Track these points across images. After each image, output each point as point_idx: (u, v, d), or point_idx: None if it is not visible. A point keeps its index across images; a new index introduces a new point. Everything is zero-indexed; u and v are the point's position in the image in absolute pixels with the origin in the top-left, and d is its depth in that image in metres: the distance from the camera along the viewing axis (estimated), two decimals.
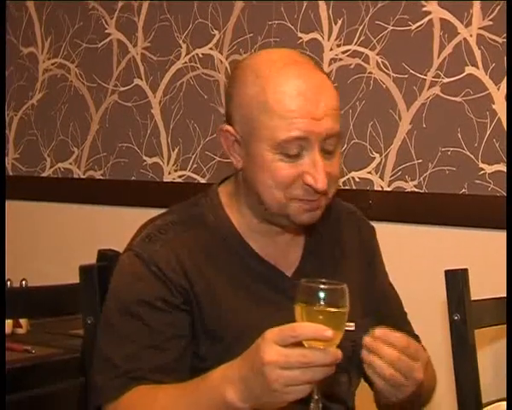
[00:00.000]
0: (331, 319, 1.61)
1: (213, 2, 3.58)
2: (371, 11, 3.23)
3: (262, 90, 1.82)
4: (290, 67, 1.85)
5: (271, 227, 1.94)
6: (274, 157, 1.81)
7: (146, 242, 1.87)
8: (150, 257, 1.84)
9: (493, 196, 3.01)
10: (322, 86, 1.84)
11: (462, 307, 2.44)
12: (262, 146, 1.82)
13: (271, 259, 1.95)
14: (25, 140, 4.10)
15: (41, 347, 2.73)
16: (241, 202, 1.95)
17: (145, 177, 3.74)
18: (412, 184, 3.15)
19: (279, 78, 1.82)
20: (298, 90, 1.80)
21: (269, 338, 1.54)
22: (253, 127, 1.83)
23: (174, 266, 1.83)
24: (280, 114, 1.80)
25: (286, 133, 1.79)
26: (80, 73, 3.94)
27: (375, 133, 3.20)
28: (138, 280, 1.83)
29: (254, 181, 1.86)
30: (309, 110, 1.80)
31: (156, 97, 3.72)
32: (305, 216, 1.88)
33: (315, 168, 1.80)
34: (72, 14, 3.96)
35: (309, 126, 1.79)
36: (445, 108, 3.10)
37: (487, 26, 3.03)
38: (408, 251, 3.12)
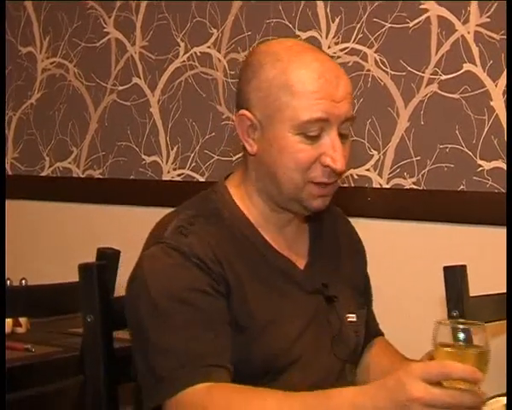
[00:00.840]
0: (478, 359, 1.58)
1: (211, 1, 3.59)
2: (369, 9, 3.24)
3: (283, 72, 1.84)
4: (307, 52, 1.89)
5: (280, 217, 1.96)
6: (295, 138, 1.83)
7: (179, 234, 1.84)
8: (189, 249, 1.81)
9: (491, 193, 3.01)
10: (339, 71, 1.89)
11: (461, 303, 2.44)
12: (283, 127, 1.84)
13: (283, 251, 1.97)
14: (24, 139, 4.11)
15: (41, 345, 2.74)
16: (251, 193, 1.96)
17: (144, 176, 3.74)
18: (411, 181, 3.15)
19: (299, 61, 1.85)
20: (319, 73, 1.83)
21: (416, 374, 1.50)
22: (273, 109, 1.85)
23: (211, 256, 1.82)
24: (303, 95, 1.82)
25: (309, 114, 1.81)
26: (79, 73, 3.94)
27: (374, 131, 3.20)
28: (183, 270, 1.80)
29: (272, 164, 1.87)
30: (330, 92, 1.83)
31: (155, 96, 3.72)
32: (317, 201, 1.90)
33: (333, 149, 1.83)
34: (71, 14, 3.97)
35: (330, 108, 1.82)
36: (443, 105, 3.10)
37: (485, 23, 3.03)
38: (407, 248, 3.12)
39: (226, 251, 1.86)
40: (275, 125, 1.85)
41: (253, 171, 1.94)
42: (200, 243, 1.83)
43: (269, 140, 1.87)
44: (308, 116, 1.81)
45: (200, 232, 1.85)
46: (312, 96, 1.82)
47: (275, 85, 1.84)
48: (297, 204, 1.91)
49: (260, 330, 1.85)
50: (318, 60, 1.87)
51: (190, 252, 1.81)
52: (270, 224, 1.96)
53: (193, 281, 1.80)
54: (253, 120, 1.88)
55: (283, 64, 1.85)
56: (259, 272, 1.91)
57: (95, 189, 3.87)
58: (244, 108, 1.90)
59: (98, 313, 2.00)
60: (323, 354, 1.96)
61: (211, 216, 1.91)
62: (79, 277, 2.03)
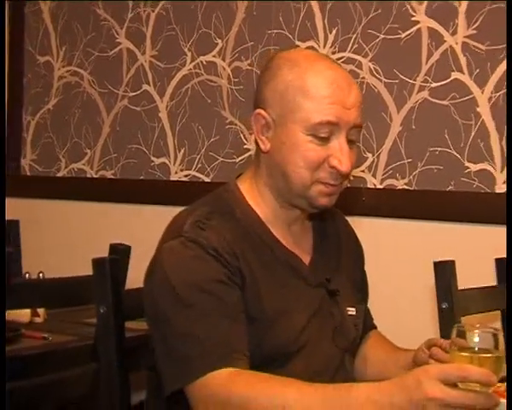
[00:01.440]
0: (493, 364, 1.56)
1: (216, 12, 3.58)
2: (364, 21, 3.23)
3: (299, 76, 1.85)
4: (322, 60, 1.91)
5: (288, 214, 1.95)
6: (306, 138, 1.83)
7: (197, 228, 1.82)
8: (207, 242, 1.80)
9: (478, 193, 3.01)
10: (350, 81, 1.88)
11: (450, 296, 2.44)
12: (296, 127, 1.84)
13: (291, 247, 1.96)
14: (41, 143, 4.10)
15: (57, 334, 2.73)
16: (262, 190, 1.95)
17: (153, 176, 3.73)
18: (403, 182, 3.15)
19: (315, 67, 1.86)
20: (332, 79, 1.84)
21: (433, 374, 1.46)
22: (288, 109, 1.85)
23: (227, 249, 1.81)
24: (316, 99, 1.82)
25: (320, 116, 1.81)
26: (92, 80, 3.93)
27: (368, 134, 3.19)
28: (202, 261, 1.79)
29: (283, 161, 1.87)
30: (341, 98, 1.83)
31: (163, 102, 3.71)
32: (324, 200, 1.89)
33: (341, 152, 1.83)
34: (85, 25, 3.96)
35: (340, 113, 1.82)
36: (433, 110, 3.10)
37: (471, 34, 3.03)
38: (399, 245, 3.11)
39: (240, 246, 1.85)
40: (288, 125, 1.85)
41: (264, 168, 1.94)
42: (217, 236, 1.82)
43: (281, 138, 1.87)
44: (319, 119, 1.81)
45: (217, 227, 1.84)
46: (325, 101, 1.82)
47: (291, 88, 1.85)
48: (304, 201, 1.90)
49: (270, 320, 1.84)
50: (332, 68, 1.88)
51: (208, 244, 1.80)
52: (278, 221, 1.95)
53: (211, 272, 1.78)
54: (268, 119, 1.88)
55: (300, 69, 1.86)
56: (269, 266, 1.90)
57: (107, 188, 3.86)
58: (260, 107, 1.90)
59: (110, 305, 1.99)
60: (325, 344, 1.95)
61: (225, 213, 1.90)
62: (93, 270, 2.02)
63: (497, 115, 2.97)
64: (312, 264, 1.99)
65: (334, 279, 2.02)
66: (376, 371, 2.13)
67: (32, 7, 4.13)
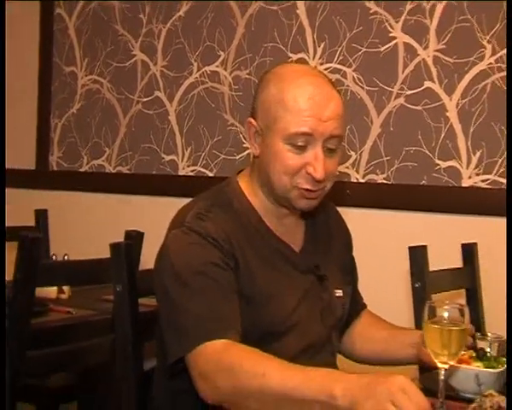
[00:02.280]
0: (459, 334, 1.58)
1: (219, 28, 3.57)
2: (348, 36, 3.22)
3: (281, 90, 1.82)
4: (306, 76, 1.85)
5: (280, 210, 1.93)
6: (284, 147, 1.81)
7: (197, 219, 1.82)
8: (205, 231, 1.79)
9: (447, 187, 3.02)
10: (330, 96, 1.83)
11: (422, 276, 2.44)
12: (276, 137, 1.82)
13: (283, 237, 1.94)
14: (66, 142, 4.09)
15: (80, 309, 2.72)
16: (256, 188, 1.93)
17: (163, 171, 3.72)
18: (382, 177, 3.14)
19: (296, 83, 1.83)
20: (310, 94, 1.80)
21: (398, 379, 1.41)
22: (270, 120, 1.83)
23: (223, 237, 1.80)
24: (293, 111, 1.80)
25: (296, 127, 1.79)
26: (111, 87, 3.92)
27: (352, 135, 3.18)
28: (200, 247, 1.78)
29: (267, 167, 1.85)
30: (317, 112, 1.79)
31: (172, 106, 3.70)
32: (303, 203, 1.88)
33: (316, 160, 1.80)
34: (105, 40, 3.95)
35: (315, 125, 1.79)
36: (408, 115, 3.09)
37: (441, 48, 3.03)
38: (379, 231, 3.12)
39: (236, 235, 1.84)
40: (271, 134, 1.83)
41: (256, 170, 1.92)
42: (215, 226, 1.81)
43: (267, 146, 1.85)
44: (295, 129, 1.79)
45: (216, 219, 1.83)
46: (301, 114, 1.79)
47: (274, 101, 1.83)
48: (287, 202, 1.89)
49: (263, 301, 1.84)
50: (313, 83, 1.83)
51: (206, 233, 1.80)
52: (271, 214, 1.94)
53: (208, 256, 1.78)
54: (257, 128, 1.87)
55: (284, 84, 1.83)
56: (263, 253, 1.89)
57: (123, 182, 3.85)
58: (252, 117, 1.89)
59: (126, 284, 2.00)
60: (315, 322, 1.95)
61: (224, 206, 1.89)
62: (111, 253, 2.02)
63: (464, 119, 2.98)
64: (302, 252, 1.98)
65: (323, 265, 2.00)
66: (378, 349, 2.12)
67: (59, 24, 4.11)
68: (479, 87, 2.95)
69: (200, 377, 1.66)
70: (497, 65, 2.92)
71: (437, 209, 3.02)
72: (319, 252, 2.02)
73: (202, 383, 1.66)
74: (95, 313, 2.67)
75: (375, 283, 2.47)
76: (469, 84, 2.97)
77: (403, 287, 2.85)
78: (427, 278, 2.45)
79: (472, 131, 2.96)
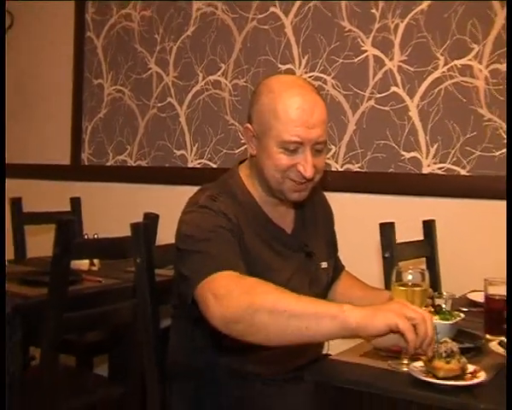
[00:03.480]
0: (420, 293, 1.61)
1: (221, 44, 3.55)
2: (327, 49, 3.21)
3: (273, 101, 1.80)
4: (294, 88, 1.82)
5: (273, 199, 1.92)
6: (277, 150, 1.79)
7: (210, 200, 1.81)
8: (217, 208, 1.78)
9: (410, 174, 3.01)
10: (315, 104, 1.81)
11: (391, 247, 2.45)
12: (270, 142, 1.80)
13: (277, 221, 1.94)
14: (95, 141, 4.08)
15: (108, 278, 2.73)
16: (254, 181, 1.92)
17: (175, 164, 3.71)
18: (357, 166, 3.14)
19: (285, 94, 1.80)
20: (298, 105, 1.78)
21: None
22: (264, 127, 1.81)
23: (232, 215, 1.79)
24: (284, 121, 1.77)
25: (287, 136, 1.77)
26: (131, 95, 3.91)
27: (332, 132, 3.18)
28: (213, 216, 1.76)
29: (263, 165, 1.84)
30: (305, 120, 1.77)
31: (182, 110, 3.68)
32: (295, 195, 1.87)
33: (305, 162, 1.79)
34: (126, 56, 3.94)
35: (304, 134, 1.77)
36: (378, 114, 3.09)
37: (404, 59, 3.03)
38: (355, 211, 3.11)
39: (240, 218, 1.83)
40: (266, 139, 1.81)
41: (254, 167, 1.91)
42: (225, 206, 1.81)
43: (261, 148, 1.83)
44: (287, 138, 1.77)
45: (225, 202, 1.83)
46: (291, 124, 1.77)
47: (266, 110, 1.81)
48: (281, 194, 1.88)
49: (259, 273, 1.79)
50: (300, 94, 1.80)
51: (217, 209, 1.79)
52: (267, 203, 1.93)
53: (219, 222, 1.76)
54: (254, 132, 1.85)
55: (274, 95, 1.80)
56: (261, 235, 1.88)
57: (142, 174, 3.84)
58: (249, 122, 1.87)
59: (144, 256, 2.00)
60: (304, 291, 1.91)
61: (230, 195, 1.88)
62: (131, 232, 2.02)
63: (423, 118, 2.97)
64: (293, 234, 1.98)
65: (311, 243, 2.01)
66: None
67: (89, 45, 4.10)
68: (434, 91, 2.95)
69: (214, 299, 1.56)
70: (449, 73, 2.91)
71: (402, 192, 3.02)
72: (307, 232, 2.02)
73: (214, 304, 1.56)
74: (120, 282, 2.67)
75: (352, 254, 2.47)
76: (427, 89, 2.96)
77: (375, 257, 2.85)
78: (395, 249, 2.46)
79: (430, 128, 2.96)
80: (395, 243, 2.47)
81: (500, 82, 2.80)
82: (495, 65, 2.82)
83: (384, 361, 1.60)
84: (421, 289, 1.60)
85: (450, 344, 1.47)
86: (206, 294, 1.60)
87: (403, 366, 1.54)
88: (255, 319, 1.49)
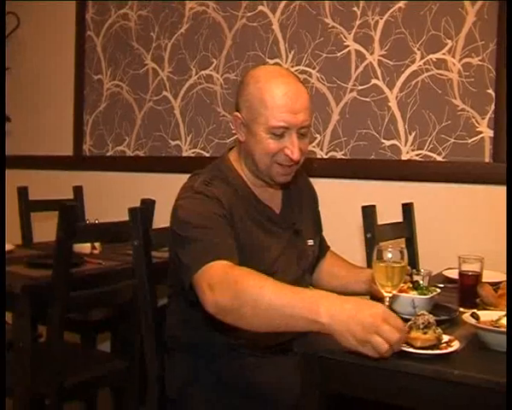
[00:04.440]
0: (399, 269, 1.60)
1: (212, 41, 3.54)
2: (312, 45, 3.20)
3: (260, 90, 1.80)
4: (279, 77, 1.83)
5: (260, 182, 1.92)
6: (265, 136, 1.80)
7: (204, 185, 1.80)
8: (211, 193, 1.78)
9: (390, 160, 3.01)
10: (299, 91, 1.82)
11: (372, 229, 2.45)
12: (258, 128, 1.80)
13: (266, 201, 1.94)
14: (96, 133, 4.06)
15: (108, 261, 2.73)
16: (243, 165, 1.92)
17: (170, 153, 3.70)
18: (341, 153, 3.14)
19: (271, 83, 1.80)
20: (283, 92, 1.78)
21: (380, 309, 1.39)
22: (253, 115, 1.81)
23: (224, 199, 1.79)
24: (271, 108, 1.78)
25: (274, 122, 1.78)
26: (129, 90, 3.89)
27: (317, 121, 3.17)
28: (206, 203, 1.76)
29: (252, 150, 1.84)
30: (290, 106, 1.78)
31: (177, 103, 3.67)
32: (281, 178, 1.88)
33: (292, 145, 1.80)
34: (124, 53, 3.92)
35: (290, 119, 1.78)
36: (360, 105, 3.08)
37: (383, 54, 3.02)
38: (339, 195, 3.11)
39: (232, 200, 1.84)
40: (254, 126, 1.81)
41: (243, 152, 1.90)
42: (218, 190, 1.81)
43: (250, 134, 1.83)
44: (274, 123, 1.78)
45: (218, 186, 1.83)
46: (278, 110, 1.77)
47: (254, 99, 1.81)
48: (268, 178, 1.88)
49: (254, 251, 1.84)
50: (285, 83, 1.81)
51: (211, 194, 1.79)
52: (256, 185, 1.93)
53: (213, 208, 1.76)
54: (242, 120, 1.85)
55: (260, 85, 1.81)
56: (252, 215, 1.89)
57: (140, 163, 3.82)
58: (238, 111, 1.87)
59: (141, 239, 1.99)
60: (293, 266, 1.96)
61: (222, 178, 1.88)
62: (129, 216, 2.01)
63: (402, 108, 2.97)
64: (282, 213, 1.98)
65: (298, 222, 2.01)
66: (340, 283, 2.13)
67: (89, 43, 4.07)
68: (412, 83, 2.94)
69: (208, 288, 1.57)
70: (425, 66, 2.91)
71: (383, 178, 3.01)
72: (294, 212, 2.03)
73: (209, 293, 1.57)
74: (120, 264, 2.67)
75: (337, 234, 2.47)
76: (405, 81, 2.96)
77: (358, 237, 2.86)
78: (376, 230, 2.46)
79: (408, 117, 2.95)
80: (376, 225, 2.48)
81: (472, 74, 2.81)
82: (467, 59, 2.82)
83: None
84: (400, 266, 1.60)
85: (426, 316, 1.47)
86: (202, 283, 1.60)
87: None
88: (241, 312, 1.52)
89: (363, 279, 2.03)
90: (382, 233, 2.50)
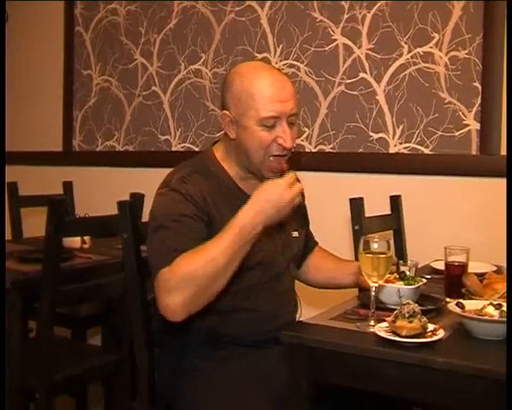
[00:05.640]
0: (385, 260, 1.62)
1: (201, 35, 3.54)
2: (300, 39, 3.21)
3: (247, 85, 1.80)
4: (262, 70, 1.84)
5: (247, 174, 1.92)
6: (257, 128, 1.80)
7: (181, 182, 1.81)
8: (186, 191, 1.79)
9: (378, 153, 3.03)
10: (284, 80, 1.84)
11: (360, 221, 2.46)
12: (250, 122, 1.80)
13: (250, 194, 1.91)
14: (85, 128, 4.06)
15: (98, 255, 2.73)
16: (231, 161, 1.91)
17: (160, 148, 3.71)
18: (329, 147, 3.15)
19: (257, 76, 1.81)
20: (270, 83, 1.80)
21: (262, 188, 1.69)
22: (243, 110, 1.81)
23: (201, 197, 1.79)
24: (260, 100, 1.78)
25: (265, 113, 1.78)
26: (118, 85, 3.89)
27: (305, 115, 3.18)
28: (179, 203, 1.77)
29: (245, 145, 1.84)
30: (278, 96, 1.79)
31: (166, 97, 3.67)
32: (274, 176, 1.84)
33: (284, 134, 1.81)
34: (113, 48, 3.92)
35: (279, 108, 1.79)
36: (348, 98, 3.09)
37: (371, 47, 3.03)
38: (328, 188, 3.12)
39: (213, 195, 1.83)
40: (244, 120, 1.81)
41: (233, 148, 1.89)
42: (194, 188, 1.81)
43: (242, 130, 1.83)
44: (265, 114, 1.78)
45: (196, 182, 1.83)
46: (267, 101, 1.78)
47: (242, 94, 1.81)
48: (258, 172, 1.88)
49: None
50: (269, 74, 1.82)
51: (186, 192, 1.79)
52: (240, 177, 1.93)
53: (183, 209, 1.77)
54: (231, 117, 1.84)
55: (247, 80, 1.81)
56: (234, 206, 1.85)
57: (130, 158, 3.83)
58: (225, 109, 1.87)
59: (130, 232, 1.99)
60: (277, 257, 1.95)
61: (203, 172, 1.88)
62: (118, 209, 2.01)
63: (389, 101, 2.98)
64: None
65: None
66: (327, 276, 2.14)
67: (78, 39, 4.08)
68: (399, 77, 2.96)
69: (167, 294, 1.65)
70: (413, 60, 2.93)
71: (371, 170, 3.03)
72: None
73: (169, 298, 1.64)
74: (109, 258, 2.67)
75: (325, 226, 2.49)
76: (393, 74, 2.97)
77: (346, 229, 2.87)
78: (364, 222, 2.47)
79: (396, 111, 2.97)
80: (364, 217, 2.48)
81: (458, 68, 2.82)
82: (454, 52, 2.84)
83: (352, 323, 1.63)
84: (386, 256, 1.62)
85: (412, 305, 1.49)
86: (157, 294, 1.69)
87: (369, 327, 1.56)
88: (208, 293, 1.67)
89: (350, 271, 2.03)
90: (370, 225, 2.50)
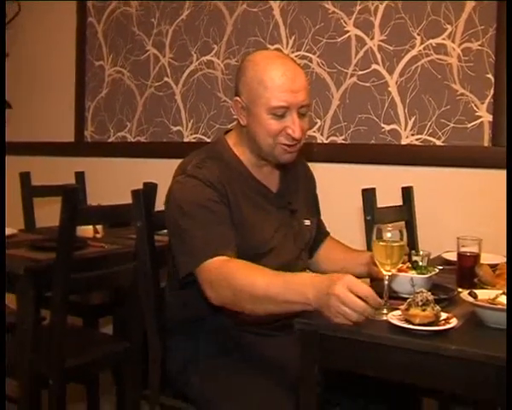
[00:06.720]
0: (399, 248, 1.62)
1: (213, 27, 3.55)
2: (313, 30, 3.21)
3: (259, 73, 1.82)
4: (276, 59, 1.86)
5: (260, 161, 1.94)
6: (267, 117, 1.82)
7: (196, 168, 1.83)
8: (203, 176, 1.81)
9: (390, 144, 3.02)
10: (296, 71, 1.84)
11: (372, 211, 2.46)
12: (260, 110, 1.82)
13: (263, 181, 1.96)
14: (97, 119, 4.07)
15: (110, 244, 2.74)
16: (244, 147, 1.93)
17: (172, 139, 3.71)
18: (341, 138, 3.15)
19: (269, 65, 1.82)
20: (282, 72, 1.81)
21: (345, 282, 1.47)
22: (254, 97, 1.83)
23: (217, 181, 1.81)
24: (271, 89, 1.80)
25: (275, 102, 1.80)
26: (130, 76, 3.90)
27: (317, 107, 3.18)
28: (199, 188, 1.79)
29: (255, 133, 1.86)
30: (289, 86, 1.80)
31: (178, 88, 3.68)
32: (286, 156, 1.89)
33: (294, 124, 1.82)
34: (125, 40, 3.93)
35: (290, 98, 1.80)
36: (360, 90, 3.09)
37: (384, 39, 3.02)
38: (340, 179, 3.12)
39: (227, 179, 1.85)
40: (255, 108, 1.83)
41: (245, 135, 1.91)
42: (210, 172, 1.83)
43: (252, 117, 1.85)
44: (275, 104, 1.80)
45: (211, 167, 1.85)
46: (277, 90, 1.79)
47: (254, 82, 1.82)
48: (272, 158, 1.90)
49: (248, 229, 1.86)
50: (282, 64, 1.83)
51: (203, 178, 1.81)
52: (253, 164, 1.95)
53: (206, 194, 1.79)
54: (243, 104, 1.87)
55: (259, 68, 1.83)
56: (247, 193, 1.90)
57: (141, 148, 3.84)
58: (238, 95, 1.88)
59: (144, 221, 2.01)
60: (289, 245, 1.97)
61: (216, 158, 1.90)
62: (132, 198, 2.03)
63: (401, 93, 2.98)
64: (278, 192, 2.00)
65: (294, 202, 2.03)
66: (339, 266, 2.13)
67: (91, 30, 4.09)
68: (412, 68, 2.95)
69: (208, 286, 1.69)
70: (425, 51, 2.92)
71: (383, 162, 3.02)
72: (291, 192, 2.04)
73: (209, 291, 1.69)
74: (122, 247, 2.67)
75: (337, 217, 2.49)
76: (405, 66, 2.97)
77: (358, 220, 2.87)
78: (376, 213, 2.48)
79: (408, 102, 2.96)
80: (376, 208, 2.49)
81: (471, 59, 2.82)
82: (466, 44, 2.83)
83: None
84: (399, 245, 1.62)
85: (425, 294, 1.49)
86: (202, 280, 1.72)
87: (382, 315, 1.57)
88: (241, 305, 1.67)
89: (362, 262, 2.04)
90: (382, 216, 2.50)
